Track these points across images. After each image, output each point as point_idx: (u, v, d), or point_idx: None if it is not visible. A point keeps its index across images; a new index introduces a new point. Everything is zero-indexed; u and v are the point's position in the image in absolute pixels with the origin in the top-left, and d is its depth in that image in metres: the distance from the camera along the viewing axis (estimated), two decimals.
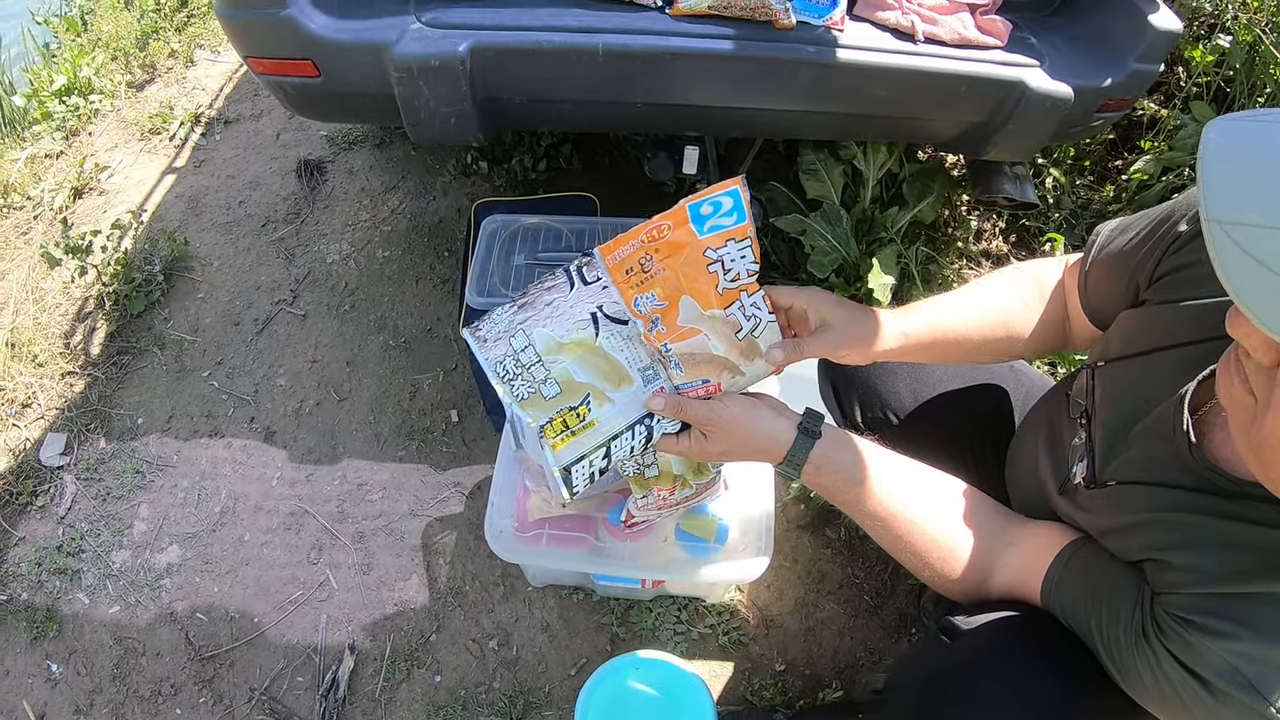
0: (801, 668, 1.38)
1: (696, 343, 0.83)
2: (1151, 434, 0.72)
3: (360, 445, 1.63)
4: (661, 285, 0.82)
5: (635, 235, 0.83)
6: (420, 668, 1.38)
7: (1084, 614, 0.72)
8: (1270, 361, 0.52)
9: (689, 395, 0.85)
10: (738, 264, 0.82)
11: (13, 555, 1.53)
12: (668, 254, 0.82)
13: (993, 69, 1.36)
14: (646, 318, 0.83)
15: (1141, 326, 0.78)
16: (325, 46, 1.27)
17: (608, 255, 0.83)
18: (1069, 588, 0.75)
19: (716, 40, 1.28)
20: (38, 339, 1.81)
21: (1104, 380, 0.80)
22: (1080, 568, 0.76)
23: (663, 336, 0.83)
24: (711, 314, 0.83)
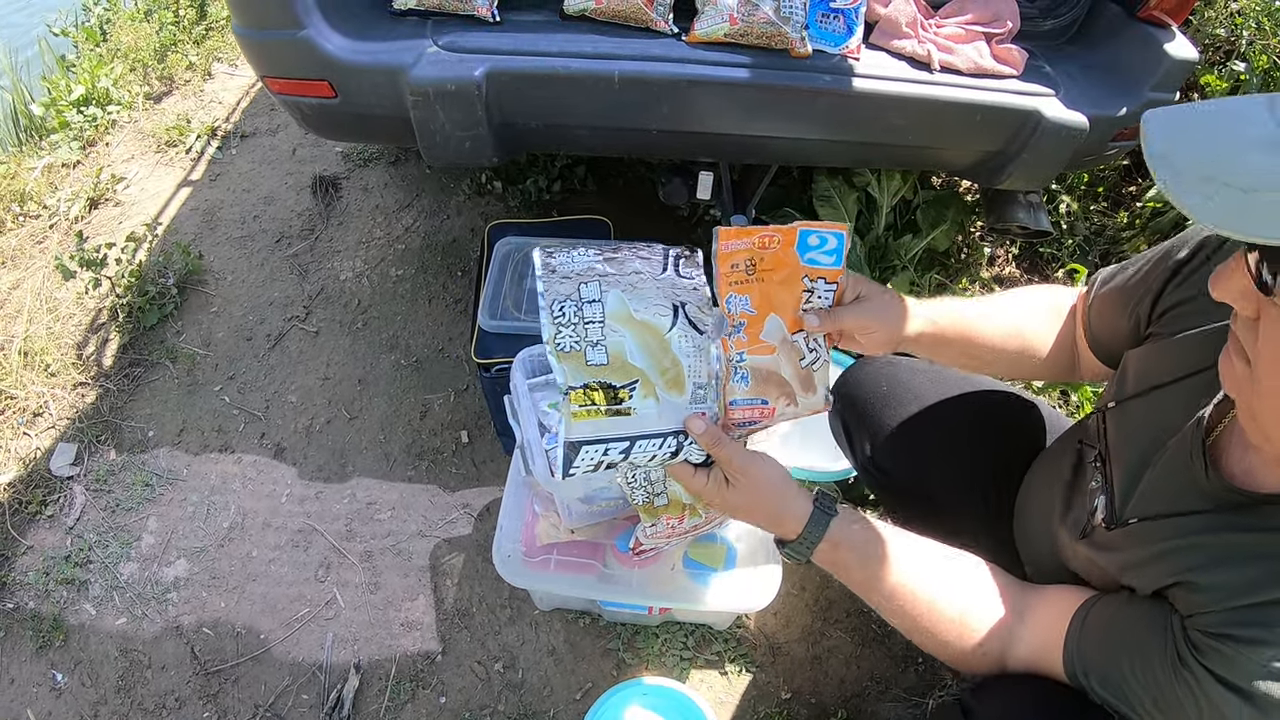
0: (808, 696, 1.37)
1: (769, 361, 0.84)
2: (1168, 466, 0.72)
3: (370, 464, 1.63)
4: (756, 294, 0.83)
5: (751, 234, 0.82)
6: (425, 689, 1.37)
7: (1113, 666, 0.70)
8: (1251, 313, 0.54)
9: (742, 412, 0.84)
10: (820, 300, 0.85)
11: (21, 564, 1.54)
12: (770, 267, 0.83)
13: (1008, 98, 1.36)
14: (733, 319, 0.82)
15: (1150, 364, 0.79)
16: (342, 68, 1.28)
17: (724, 241, 0.81)
18: (1091, 646, 0.73)
19: (732, 68, 1.28)
20: (50, 349, 1.82)
21: (1116, 421, 0.81)
22: (1098, 622, 0.74)
23: (741, 345, 0.83)
24: (793, 338, 0.85)
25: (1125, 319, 0.85)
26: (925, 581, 0.82)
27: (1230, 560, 0.63)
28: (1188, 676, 0.63)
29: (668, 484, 1.05)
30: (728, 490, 0.84)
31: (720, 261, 0.82)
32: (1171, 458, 0.72)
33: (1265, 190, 0.45)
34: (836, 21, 1.36)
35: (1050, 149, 1.39)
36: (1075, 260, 1.81)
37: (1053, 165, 1.44)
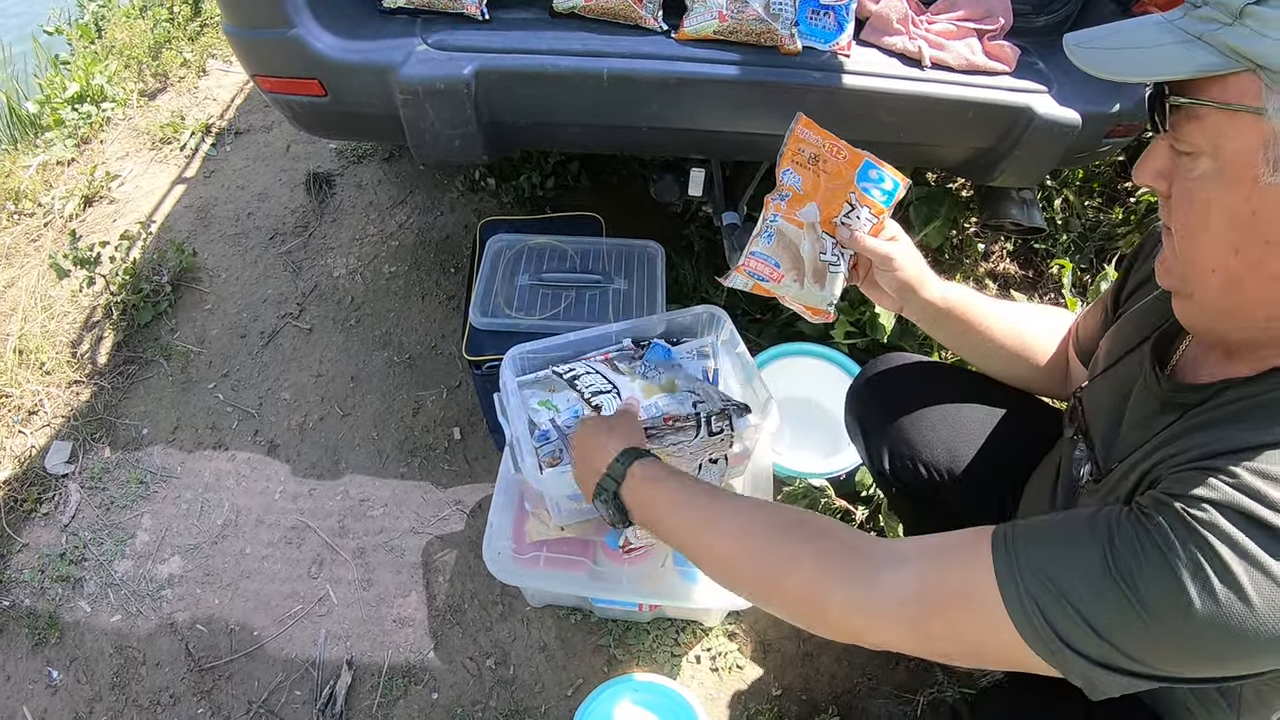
0: (798, 693, 1.38)
1: (795, 232, 0.95)
2: (1135, 407, 0.75)
3: (363, 461, 1.64)
4: (808, 180, 0.94)
5: (825, 136, 0.93)
6: (417, 684, 1.38)
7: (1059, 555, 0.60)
8: (1165, 190, 0.62)
9: (756, 264, 0.95)
10: (858, 222, 0.94)
11: (16, 561, 1.55)
12: (828, 170, 0.94)
13: (1000, 95, 1.36)
14: (782, 187, 0.94)
15: (1113, 341, 0.85)
16: (332, 66, 1.28)
17: (801, 127, 0.93)
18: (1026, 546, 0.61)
19: (722, 65, 1.28)
20: (45, 347, 1.83)
21: (1090, 395, 0.85)
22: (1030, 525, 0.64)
23: (779, 209, 0.95)
24: (821, 232, 0.95)
25: (1100, 321, 0.93)
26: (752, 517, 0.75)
27: (1188, 434, 0.63)
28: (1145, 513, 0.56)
29: None
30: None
31: (791, 142, 0.93)
32: (1137, 398, 0.75)
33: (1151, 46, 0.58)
34: (827, 18, 1.36)
35: (1042, 146, 1.39)
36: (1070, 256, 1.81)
37: (1045, 162, 1.44)
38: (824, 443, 1.58)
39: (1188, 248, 0.62)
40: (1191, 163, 0.59)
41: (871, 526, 1.52)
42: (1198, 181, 0.59)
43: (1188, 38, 0.56)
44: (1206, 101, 0.56)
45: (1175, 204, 0.62)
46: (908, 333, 1.57)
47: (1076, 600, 0.57)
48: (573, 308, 1.46)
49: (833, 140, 0.94)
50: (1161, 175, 0.62)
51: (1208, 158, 0.58)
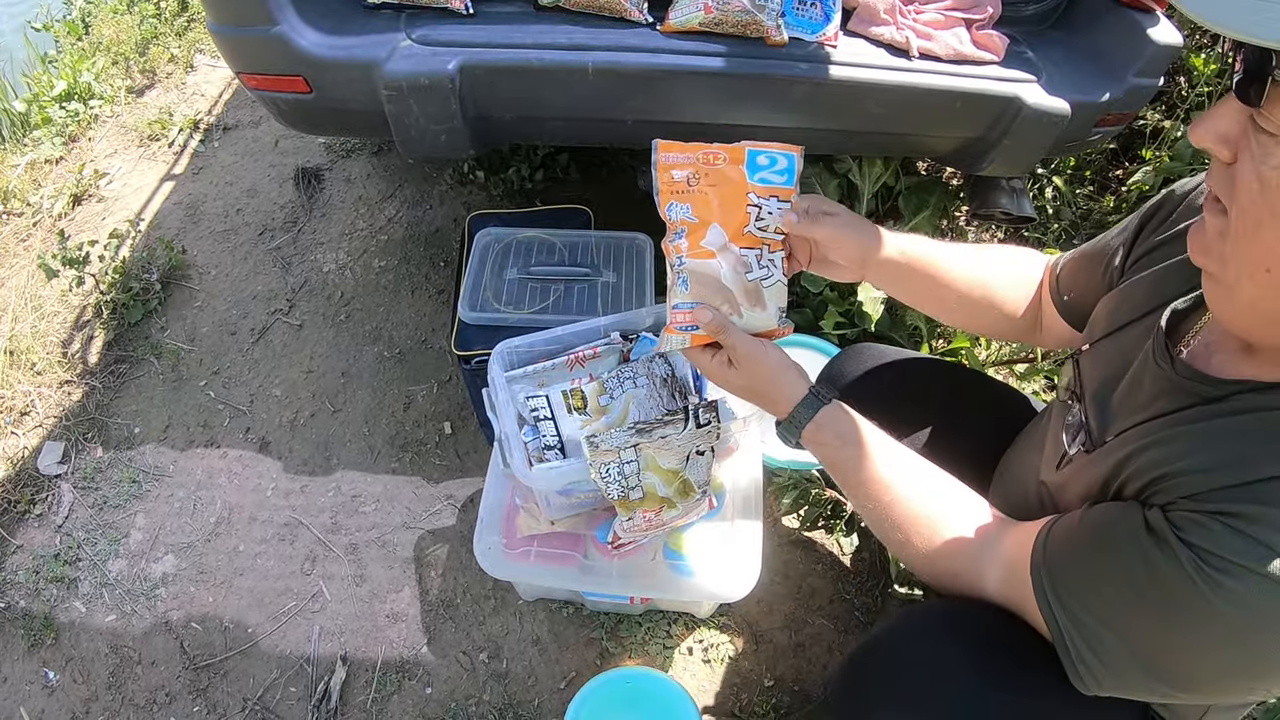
0: (790, 683, 1.39)
1: (710, 265, 0.87)
2: (1138, 379, 0.73)
3: (354, 457, 1.64)
4: (699, 204, 0.87)
5: (693, 150, 0.86)
6: (411, 679, 1.39)
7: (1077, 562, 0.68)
8: (1228, 157, 0.55)
9: (683, 316, 0.88)
10: (772, 218, 0.88)
11: (10, 563, 1.55)
12: (714, 182, 0.87)
13: (988, 85, 1.36)
14: (674, 225, 0.87)
15: (1118, 304, 0.81)
16: (316, 63, 1.28)
17: (664, 152, 0.86)
18: (1056, 549, 0.71)
19: (708, 58, 1.28)
20: (36, 347, 1.83)
21: (1088, 361, 0.82)
22: (1064, 525, 0.72)
23: (681, 250, 0.87)
24: (733, 247, 0.88)
25: (1099, 276, 0.88)
26: (906, 479, 0.82)
27: (1211, 444, 0.61)
28: (1158, 547, 0.60)
29: (642, 478, 1.06)
30: (730, 370, 0.88)
31: (660, 172, 0.86)
32: (1140, 370, 0.73)
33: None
34: (813, 8, 1.36)
35: (1032, 135, 1.39)
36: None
37: (1035, 151, 1.44)
38: None
39: (1244, 237, 0.55)
40: (1273, 146, 0.52)
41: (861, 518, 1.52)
42: (1276, 170, 0.52)
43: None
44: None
45: (1240, 183, 0.54)
46: (897, 322, 1.58)
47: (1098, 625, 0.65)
48: (561, 301, 1.46)
49: (703, 149, 0.87)
50: (1226, 141, 0.55)
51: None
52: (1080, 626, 0.67)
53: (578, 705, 1.28)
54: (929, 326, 1.55)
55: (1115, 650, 0.65)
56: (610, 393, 1.20)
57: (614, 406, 1.19)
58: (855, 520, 1.52)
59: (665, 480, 1.09)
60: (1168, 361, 0.68)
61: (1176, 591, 0.58)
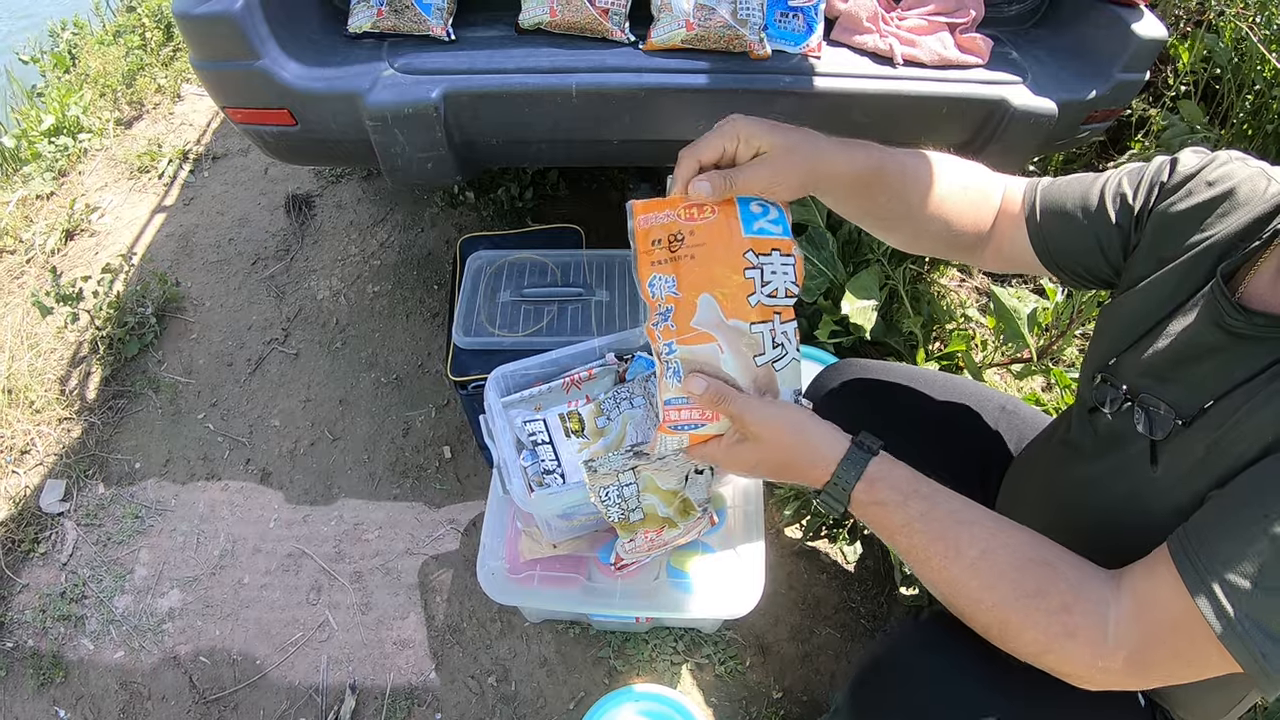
0: (799, 694, 1.39)
1: (707, 351, 0.72)
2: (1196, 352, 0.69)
3: (355, 484, 1.64)
4: (686, 273, 0.72)
5: (674, 205, 0.73)
6: (421, 705, 1.39)
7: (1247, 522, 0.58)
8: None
9: (679, 412, 0.74)
10: (779, 278, 0.73)
11: (17, 603, 1.55)
12: (703, 240, 0.72)
13: (974, 89, 1.35)
14: (656, 305, 0.72)
15: (1136, 313, 0.76)
16: (300, 96, 1.28)
17: (640, 214, 0.73)
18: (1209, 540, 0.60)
19: (691, 75, 1.28)
20: (34, 385, 1.82)
21: (1124, 370, 0.77)
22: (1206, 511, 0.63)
23: (670, 334, 0.72)
24: (734, 324, 0.72)
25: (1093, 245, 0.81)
26: (989, 531, 0.68)
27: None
28: None
29: (642, 500, 1.06)
30: (743, 448, 0.74)
31: (638, 240, 0.72)
32: (1201, 345, 0.68)
33: None
34: (796, 20, 1.35)
35: (1019, 137, 1.38)
36: None
37: (1023, 153, 1.44)
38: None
39: None
40: None
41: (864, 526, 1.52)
42: None
43: None
44: None
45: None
46: (892, 328, 1.57)
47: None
48: (555, 322, 1.46)
49: (685, 203, 0.72)
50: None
51: None
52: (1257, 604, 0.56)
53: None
54: (924, 332, 1.54)
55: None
56: (607, 414, 1.20)
57: (612, 428, 1.19)
58: (858, 529, 1.52)
59: (665, 500, 1.08)
60: (1238, 314, 0.65)
61: None
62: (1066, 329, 1.52)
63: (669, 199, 0.74)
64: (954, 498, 0.71)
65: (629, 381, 1.26)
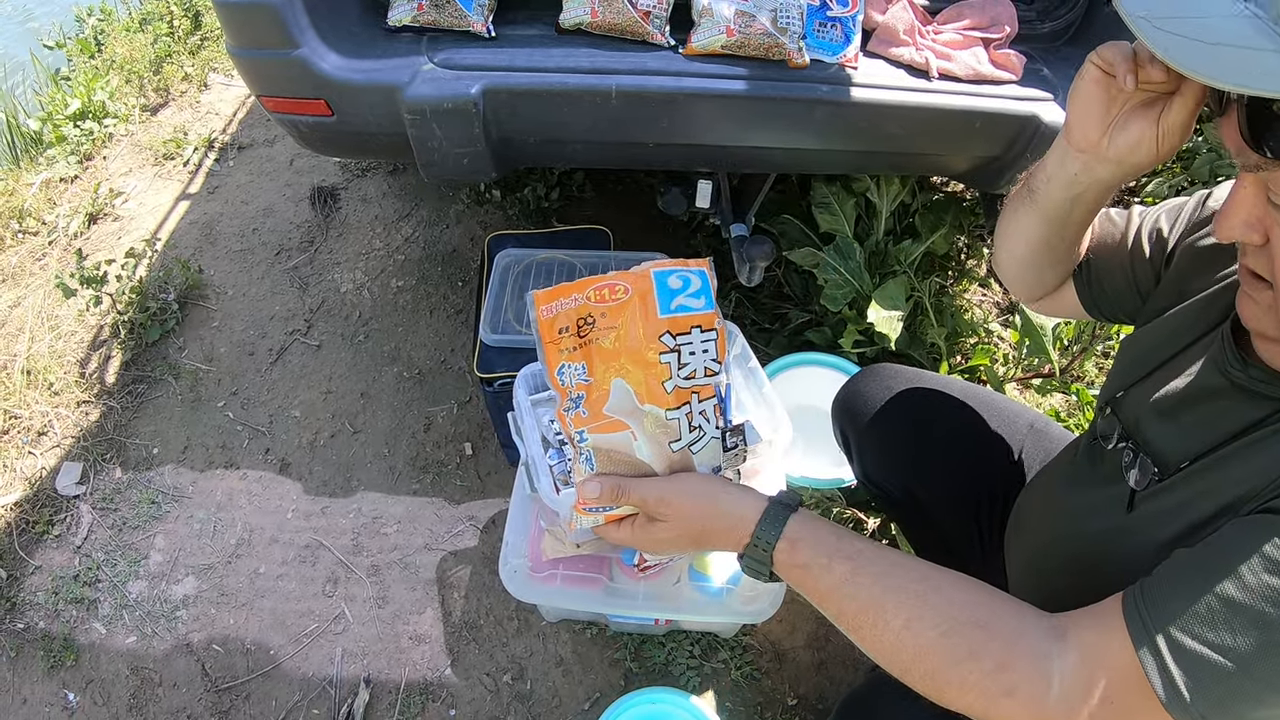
0: (814, 702, 1.38)
1: (620, 439, 0.69)
2: (1201, 400, 0.68)
3: (375, 478, 1.63)
4: (596, 358, 0.69)
5: (583, 288, 0.69)
6: (435, 701, 1.38)
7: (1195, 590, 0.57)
8: (1260, 239, 0.55)
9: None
10: (698, 358, 0.70)
11: (30, 584, 1.54)
12: (614, 322, 0.68)
13: (1006, 104, 1.35)
14: (566, 392, 0.70)
15: (1153, 345, 0.77)
16: (338, 87, 1.27)
17: (542, 304, 0.70)
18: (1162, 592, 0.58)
19: (730, 80, 1.27)
20: (54, 367, 1.82)
21: (1133, 402, 0.77)
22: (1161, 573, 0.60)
23: (582, 421, 0.69)
24: (649, 409, 0.69)
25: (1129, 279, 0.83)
26: (920, 588, 0.64)
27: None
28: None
29: None
30: (655, 527, 0.72)
31: (543, 330, 0.69)
32: (1202, 389, 0.68)
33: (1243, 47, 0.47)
34: (834, 30, 1.35)
35: None
36: None
37: None
38: (834, 451, 1.57)
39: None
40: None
41: (882, 535, 1.51)
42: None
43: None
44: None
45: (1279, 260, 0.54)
46: (915, 340, 1.57)
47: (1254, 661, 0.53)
48: None
49: (596, 282, 0.69)
50: (1254, 227, 0.54)
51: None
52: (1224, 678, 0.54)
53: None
54: (948, 344, 1.54)
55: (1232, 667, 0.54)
56: None
57: None
58: (876, 538, 1.51)
59: None
60: (1239, 367, 0.64)
61: None
62: (1088, 346, 1.52)
63: (575, 283, 0.70)
64: (881, 557, 0.67)
65: None
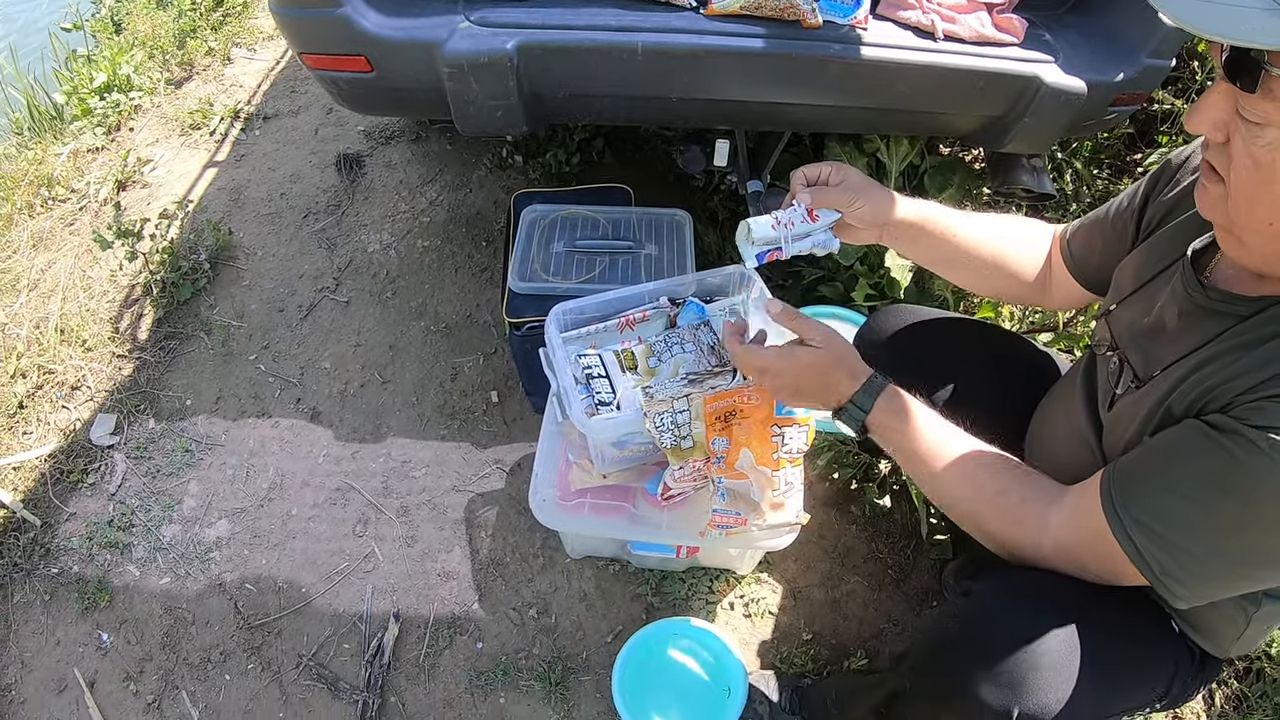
0: (828, 637, 1.49)
1: (742, 485, 1.15)
2: (1169, 319, 0.82)
3: (404, 424, 1.75)
4: (733, 436, 1.14)
5: (733, 395, 1.13)
6: (462, 634, 1.49)
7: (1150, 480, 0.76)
8: (1222, 138, 0.67)
9: (720, 519, 1.15)
10: (793, 443, 1.15)
11: (64, 530, 1.64)
12: (746, 415, 1.13)
13: (1009, 65, 1.48)
14: (714, 453, 1.15)
15: (1139, 264, 0.92)
16: (378, 43, 1.40)
17: (709, 404, 1.13)
18: (1125, 477, 0.78)
19: (748, 39, 1.40)
20: (87, 324, 1.94)
21: (1120, 318, 0.92)
22: (1129, 459, 0.79)
23: (720, 471, 1.15)
24: (762, 469, 1.15)
25: (1114, 239, 1.00)
26: (967, 452, 0.90)
27: (1252, 350, 0.72)
28: (1228, 438, 0.69)
29: (693, 427, 1.18)
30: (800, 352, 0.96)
31: (706, 417, 1.14)
32: (1170, 309, 0.82)
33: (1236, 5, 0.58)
34: None
35: (1050, 113, 1.51)
36: None
37: (1053, 129, 1.56)
38: None
39: (1246, 201, 0.68)
40: (1258, 131, 0.63)
41: (894, 479, 1.63)
42: (1265, 149, 0.64)
43: (1274, 6, 0.57)
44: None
45: (1235, 160, 0.66)
46: (925, 293, 1.69)
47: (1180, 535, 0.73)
48: (606, 272, 1.58)
49: (742, 392, 1.13)
50: (1219, 127, 0.67)
51: (1276, 129, 0.62)
52: (1162, 542, 0.74)
53: (625, 656, 1.38)
54: (955, 296, 1.67)
55: (1202, 552, 0.73)
56: (659, 355, 1.32)
57: (663, 369, 1.31)
58: (888, 483, 1.63)
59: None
60: (1199, 290, 0.78)
61: (1256, 469, 0.67)
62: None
63: (730, 390, 1.13)
64: (948, 429, 0.93)
65: (679, 327, 1.38)
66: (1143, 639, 0.87)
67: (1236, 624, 0.89)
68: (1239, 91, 0.63)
